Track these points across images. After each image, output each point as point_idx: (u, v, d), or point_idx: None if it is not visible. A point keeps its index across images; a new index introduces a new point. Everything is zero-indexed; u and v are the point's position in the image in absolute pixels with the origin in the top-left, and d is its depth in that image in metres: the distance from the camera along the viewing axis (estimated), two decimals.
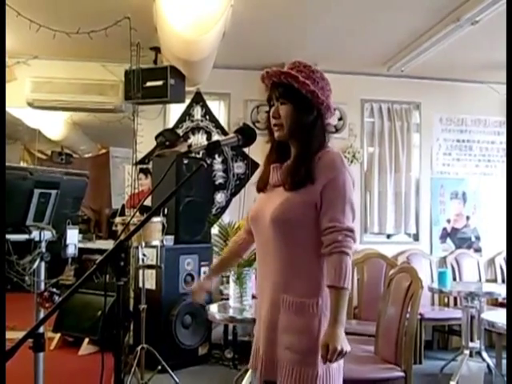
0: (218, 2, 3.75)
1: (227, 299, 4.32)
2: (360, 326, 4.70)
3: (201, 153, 2.00)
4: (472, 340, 4.58)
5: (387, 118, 6.17)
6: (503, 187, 4.77)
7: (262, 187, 2.10)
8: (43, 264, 2.85)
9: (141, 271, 4.52)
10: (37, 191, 2.79)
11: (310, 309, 1.91)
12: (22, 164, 9.22)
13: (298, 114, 1.97)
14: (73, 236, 2.95)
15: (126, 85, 5.10)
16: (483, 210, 6.23)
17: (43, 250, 2.79)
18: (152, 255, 4.76)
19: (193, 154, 4.82)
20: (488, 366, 4.48)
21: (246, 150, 5.69)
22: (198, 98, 5.86)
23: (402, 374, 3.17)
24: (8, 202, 2.68)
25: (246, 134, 2.01)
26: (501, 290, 4.61)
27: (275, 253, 1.96)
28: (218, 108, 6.07)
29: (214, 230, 5.61)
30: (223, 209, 5.88)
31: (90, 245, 7.46)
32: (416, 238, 6.23)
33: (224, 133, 5.79)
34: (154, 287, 4.86)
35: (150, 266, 4.68)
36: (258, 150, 5.44)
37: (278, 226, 1.92)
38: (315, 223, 1.92)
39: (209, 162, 1.90)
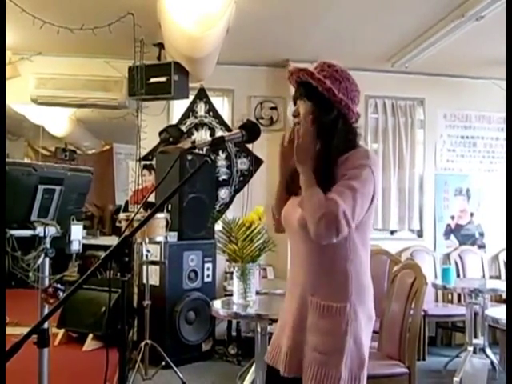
0: None
1: (231, 295, 4.32)
2: None
3: (205, 149, 2.00)
4: (476, 336, 4.58)
5: (391, 114, 6.16)
6: None
7: (293, 191, 2.05)
8: (47, 260, 2.85)
9: (145, 267, 4.54)
10: (41, 187, 2.79)
11: (336, 313, 1.89)
12: (26, 160, 9.24)
13: (317, 112, 1.93)
14: (77, 232, 2.95)
15: (129, 81, 5.10)
16: (487, 207, 6.22)
17: (47, 245, 2.80)
18: (156, 251, 4.76)
19: (197, 150, 4.81)
20: (492, 362, 4.48)
21: (249, 146, 5.69)
22: (202, 95, 5.85)
23: (405, 370, 3.18)
24: (12, 198, 2.68)
25: (251, 130, 2.00)
26: (505, 287, 4.60)
27: (304, 255, 1.96)
28: (221, 104, 6.07)
29: (218, 226, 5.61)
30: (227, 205, 5.89)
31: (93, 241, 7.47)
32: (420, 234, 6.22)
33: (228, 129, 5.78)
34: (157, 283, 4.87)
35: (153, 262, 4.69)
36: (261, 147, 5.46)
37: (305, 231, 1.89)
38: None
39: (213, 157, 1.90)
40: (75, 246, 2.96)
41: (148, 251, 4.40)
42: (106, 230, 9.66)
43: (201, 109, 5.87)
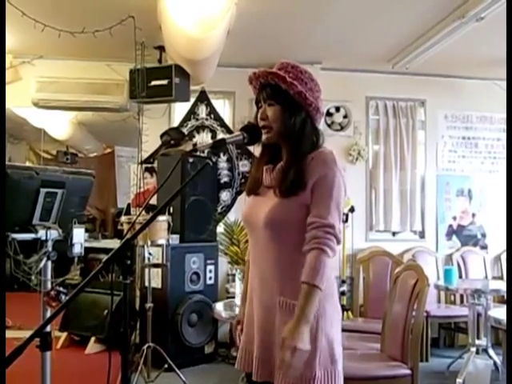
0: (222, 0, 3.75)
1: (233, 297, 4.32)
2: (366, 323, 4.69)
3: (206, 151, 1.99)
4: (479, 337, 4.57)
5: (392, 115, 6.16)
6: None
7: (254, 190, 2.07)
8: (50, 263, 2.85)
9: (147, 270, 4.54)
10: (43, 190, 2.79)
11: None
12: (28, 164, 9.24)
13: (286, 115, 1.93)
14: (79, 235, 2.95)
15: (130, 84, 5.11)
16: (489, 207, 6.22)
17: (50, 249, 2.80)
18: (158, 254, 4.77)
19: (198, 153, 4.81)
20: (495, 363, 4.47)
21: (250, 148, 5.68)
22: (203, 97, 5.86)
23: (408, 371, 3.17)
24: (14, 202, 2.69)
25: (252, 132, 2.00)
26: None
27: (269, 255, 1.93)
28: (222, 107, 6.07)
29: (220, 228, 5.62)
30: (228, 207, 5.89)
31: (95, 244, 7.47)
32: (422, 235, 6.22)
33: (229, 131, 5.78)
34: (159, 286, 4.87)
35: (155, 265, 4.69)
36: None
37: (272, 228, 1.90)
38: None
39: (214, 160, 1.89)
40: (77, 249, 2.96)
41: (150, 254, 4.40)
42: (108, 233, 9.64)
43: (202, 111, 5.87)
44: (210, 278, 5.22)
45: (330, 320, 1.92)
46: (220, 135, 5.81)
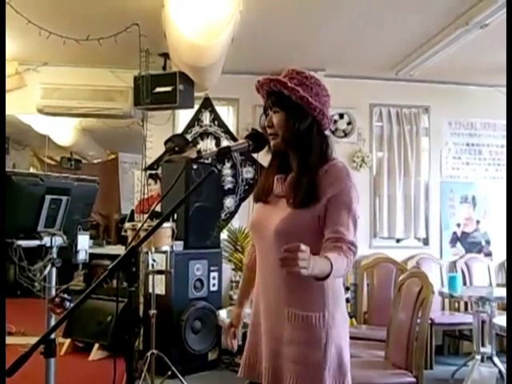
0: (226, 7, 3.76)
1: None
2: (370, 331, 4.68)
3: (210, 158, 1.99)
4: (483, 345, 4.56)
5: (396, 122, 6.16)
6: None
7: (263, 198, 2.06)
8: (54, 270, 2.86)
9: (150, 277, 4.53)
10: (48, 197, 2.80)
11: (316, 322, 1.87)
12: (32, 170, 9.28)
13: (291, 121, 1.92)
14: (84, 241, 2.96)
15: (135, 91, 5.13)
16: (493, 214, 6.20)
17: (54, 255, 2.80)
18: (162, 261, 4.76)
19: (202, 160, 4.83)
20: (500, 371, 4.45)
21: (254, 154, 5.68)
22: (207, 104, 5.87)
23: (413, 379, 3.16)
24: (19, 208, 2.69)
25: (257, 140, 2.00)
26: None
27: (277, 265, 1.91)
28: (226, 113, 6.08)
29: (224, 234, 5.63)
30: (232, 214, 5.89)
31: (99, 250, 7.48)
32: (426, 242, 6.20)
33: (233, 138, 5.80)
34: (163, 292, 4.86)
35: (159, 272, 4.68)
36: (266, 155, 5.44)
37: (282, 238, 1.87)
38: (319, 237, 1.88)
39: (219, 167, 1.89)
40: (82, 256, 2.96)
41: (154, 260, 4.39)
42: (112, 239, 9.66)
43: (206, 118, 5.89)
44: (214, 285, 5.22)
45: (339, 330, 1.91)
46: (224, 142, 5.83)
